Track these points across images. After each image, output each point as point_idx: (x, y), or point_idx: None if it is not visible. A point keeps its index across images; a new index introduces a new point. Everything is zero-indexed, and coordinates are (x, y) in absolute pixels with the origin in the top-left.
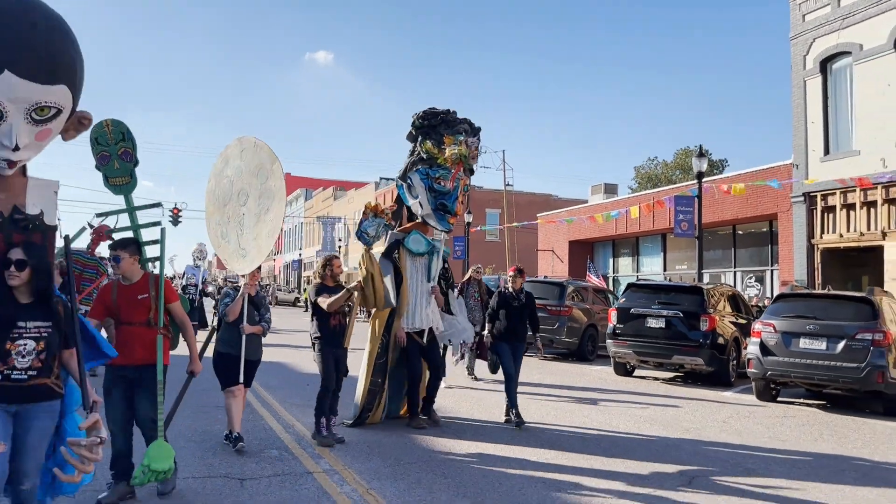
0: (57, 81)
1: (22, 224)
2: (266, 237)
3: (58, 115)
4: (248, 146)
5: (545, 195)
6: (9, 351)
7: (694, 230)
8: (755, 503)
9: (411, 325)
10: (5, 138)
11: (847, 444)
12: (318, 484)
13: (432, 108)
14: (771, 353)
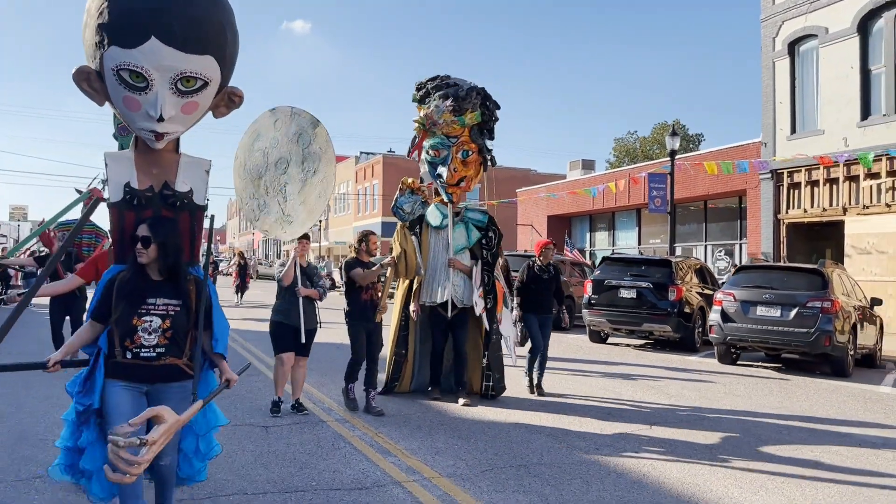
0: (204, 51)
1: (171, 201)
2: (316, 199)
3: (204, 88)
4: (283, 116)
5: (524, 170)
6: (135, 327)
7: (667, 206)
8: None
9: (430, 299)
10: (151, 108)
11: (793, 401)
12: (333, 430)
13: (428, 79)
14: (731, 320)
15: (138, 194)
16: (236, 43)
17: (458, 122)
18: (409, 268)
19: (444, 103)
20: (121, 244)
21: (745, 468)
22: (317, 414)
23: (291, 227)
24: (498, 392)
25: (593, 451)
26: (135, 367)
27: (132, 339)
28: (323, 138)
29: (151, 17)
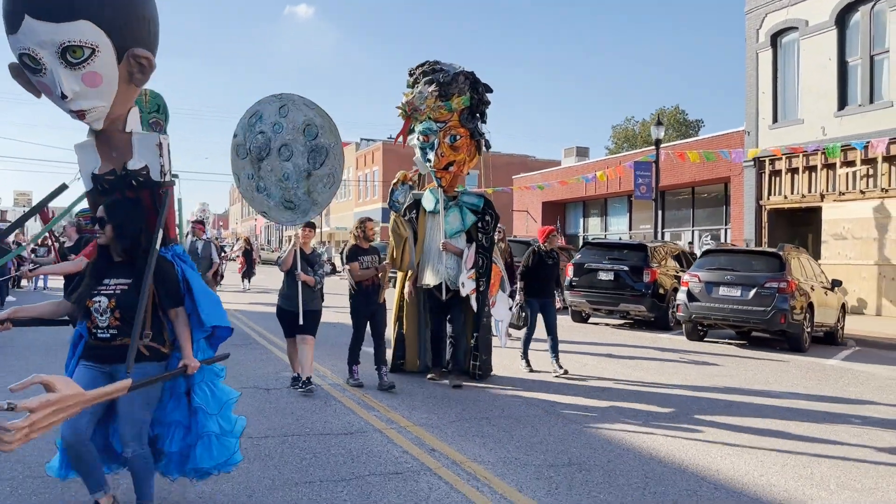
0: (75, 17)
1: (127, 180)
2: (321, 190)
3: (94, 55)
4: (291, 104)
5: (522, 156)
6: (88, 308)
7: (652, 193)
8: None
9: (424, 281)
10: (55, 86)
11: (744, 373)
12: (325, 392)
13: (418, 65)
14: (696, 300)
15: (100, 179)
16: (123, 4)
17: (444, 106)
18: (404, 258)
19: (428, 89)
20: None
21: (717, 438)
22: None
23: (293, 213)
24: (485, 373)
25: (583, 421)
26: (96, 347)
27: (91, 319)
28: (332, 133)
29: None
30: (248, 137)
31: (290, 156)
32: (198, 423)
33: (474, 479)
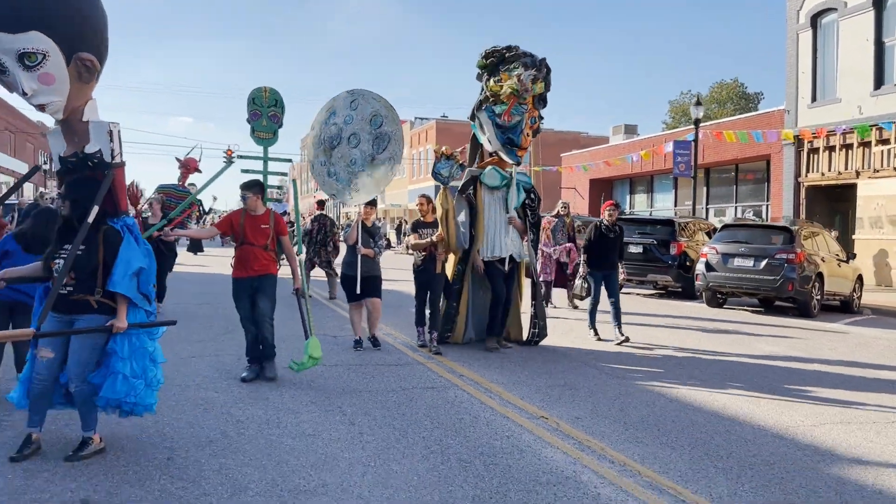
0: (26, 28)
1: (86, 162)
2: (383, 174)
3: (45, 59)
4: (361, 98)
5: (574, 133)
6: (51, 268)
7: (690, 171)
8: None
9: (490, 254)
10: (17, 86)
11: (751, 338)
12: (401, 351)
13: (494, 47)
14: (713, 270)
15: (64, 161)
16: (68, 16)
17: (532, 91)
18: (449, 235)
19: (528, 72)
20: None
21: (759, 395)
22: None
23: (357, 194)
24: (541, 338)
25: (626, 374)
26: (59, 299)
27: (52, 276)
28: (393, 121)
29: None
30: (323, 129)
31: (357, 143)
32: (109, 364)
33: (525, 413)
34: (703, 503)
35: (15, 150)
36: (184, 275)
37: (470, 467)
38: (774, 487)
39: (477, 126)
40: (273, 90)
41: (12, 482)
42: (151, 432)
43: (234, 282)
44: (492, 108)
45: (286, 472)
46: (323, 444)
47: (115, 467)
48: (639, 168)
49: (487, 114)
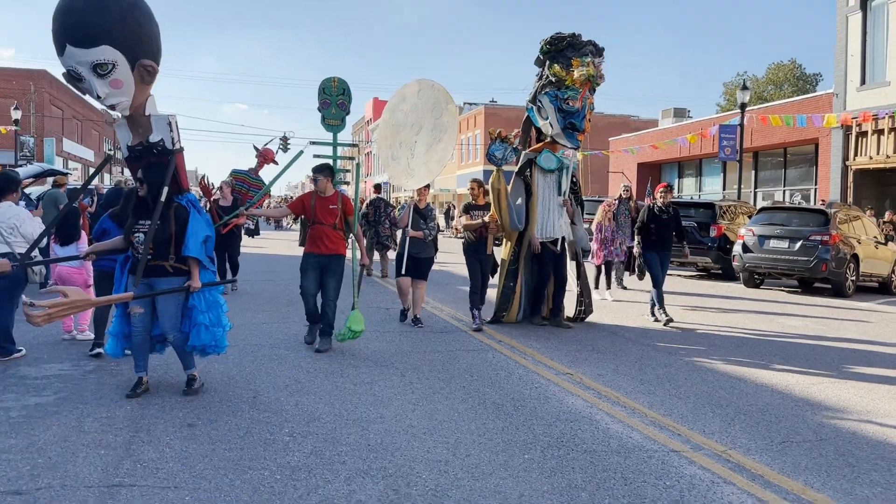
0: (99, 44)
1: (152, 149)
2: (436, 163)
3: (115, 68)
4: (426, 87)
5: (623, 117)
6: (132, 241)
7: (736, 155)
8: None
9: (544, 235)
10: (93, 90)
11: (775, 316)
12: (445, 321)
13: (558, 34)
14: (749, 251)
15: (131, 149)
16: (131, 28)
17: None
18: (503, 217)
19: (598, 59)
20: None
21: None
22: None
23: (412, 180)
24: (587, 314)
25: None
26: (135, 266)
27: (133, 247)
28: (452, 113)
29: (61, 32)
30: (393, 115)
31: (418, 131)
32: (192, 317)
33: (580, 385)
34: (695, 436)
35: (81, 137)
36: (245, 255)
37: (501, 408)
38: (761, 427)
39: (535, 110)
40: (341, 80)
41: (131, 412)
42: (238, 379)
43: (305, 256)
44: (555, 92)
45: (350, 407)
46: (379, 390)
47: (212, 403)
48: (687, 152)
49: (549, 98)
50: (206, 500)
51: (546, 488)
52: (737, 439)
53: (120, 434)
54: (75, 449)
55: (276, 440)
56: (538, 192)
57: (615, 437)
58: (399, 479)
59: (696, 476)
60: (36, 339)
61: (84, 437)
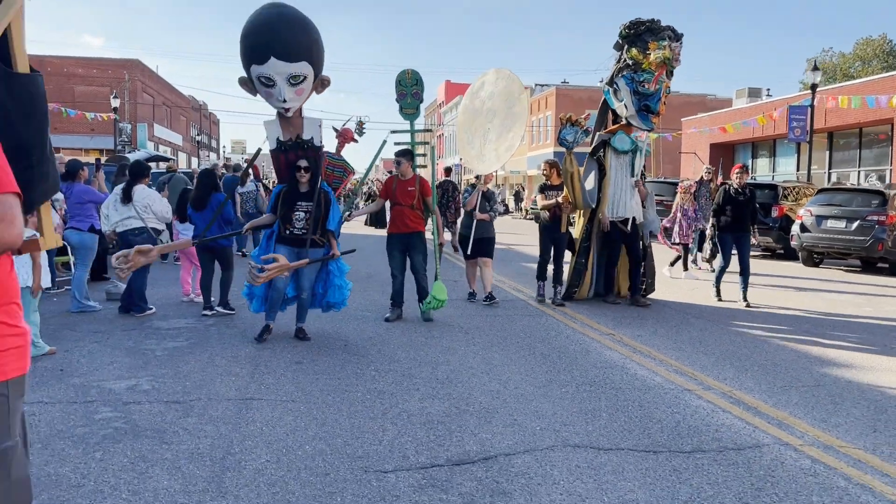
0: (300, 60)
1: (302, 145)
2: (504, 150)
3: (304, 80)
4: (504, 77)
5: (700, 96)
6: (291, 218)
7: (806, 136)
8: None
9: (615, 214)
10: (279, 95)
11: (836, 295)
12: (524, 302)
13: (638, 19)
14: (807, 231)
15: (284, 144)
16: (321, 50)
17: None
18: (575, 195)
19: (676, 44)
20: (279, 172)
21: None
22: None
23: (483, 164)
24: (647, 292)
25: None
26: (291, 238)
27: (291, 223)
28: (524, 104)
29: (270, 48)
30: (473, 100)
31: (492, 118)
32: (329, 280)
33: (649, 358)
34: (708, 380)
35: (170, 122)
36: None
37: (548, 357)
38: (769, 376)
39: (611, 92)
40: (414, 71)
41: (251, 353)
42: (331, 333)
43: (389, 237)
44: (631, 75)
45: (422, 354)
46: (446, 342)
47: (313, 347)
48: (761, 132)
49: (626, 80)
50: (317, 410)
51: (575, 410)
52: (744, 383)
53: (244, 367)
54: (212, 376)
55: (364, 374)
56: (611, 172)
57: (640, 379)
58: (459, 401)
59: (701, 407)
60: (160, 300)
61: (216, 368)
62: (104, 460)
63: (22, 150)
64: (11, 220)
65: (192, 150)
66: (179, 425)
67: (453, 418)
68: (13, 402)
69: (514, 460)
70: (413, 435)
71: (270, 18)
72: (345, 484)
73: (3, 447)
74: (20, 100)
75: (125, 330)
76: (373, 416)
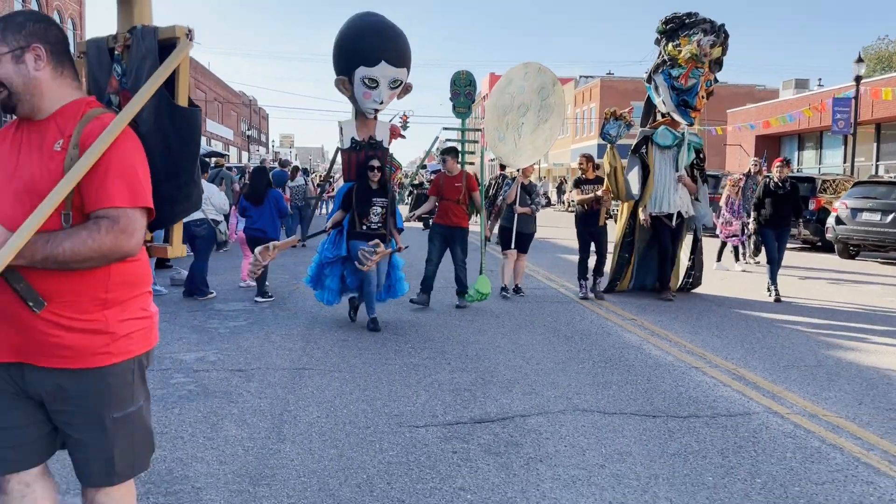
0: (403, 66)
1: (374, 145)
2: (543, 142)
3: (400, 85)
4: (533, 70)
5: (749, 86)
6: (368, 213)
7: (850, 128)
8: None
9: (658, 209)
10: (377, 98)
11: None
12: (560, 293)
13: (674, 14)
14: (842, 223)
15: (358, 143)
16: (411, 60)
17: (710, 55)
18: (619, 188)
19: (708, 38)
20: (348, 171)
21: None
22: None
23: (521, 158)
24: (693, 287)
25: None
26: (366, 234)
27: (367, 219)
28: (559, 94)
29: (383, 52)
30: (500, 97)
31: (525, 112)
32: (393, 272)
33: (688, 352)
34: (716, 359)
35: (222, 117)
36: None
37: (570, 339)
38: (775, 357)
39: (652, 88)
40: (468, 73)
41: (302, 331)
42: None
43: (433, 226)
44: (668, 70)
45: (455, 334)
46: (478, 324)
47: (357, 328)
48: (807, 124)
49: (664, 76)
50: (360, 378)
51: (588, 382)
52: (749, 363)
53: (297, 343)
54: (269, 350)
55: (402, 350)
56: (655, 167)
57: (652, 357)
58: (485, 373)
59: (704, 381)
60: (219, 286)
61: (273, 343)
62: (181, 415)
63: (174, 173)
64: (132, 232)
65: (242, 145)
66: (243, 388)
67: (478, 387)
68: (138, 375)
69: (528, 420)
70: (442, 399)
71: (379, 26)
72: (382, 435)
73: (129, 411)
74: (180, 130)
75: (190, 311)
76: (408, 385)
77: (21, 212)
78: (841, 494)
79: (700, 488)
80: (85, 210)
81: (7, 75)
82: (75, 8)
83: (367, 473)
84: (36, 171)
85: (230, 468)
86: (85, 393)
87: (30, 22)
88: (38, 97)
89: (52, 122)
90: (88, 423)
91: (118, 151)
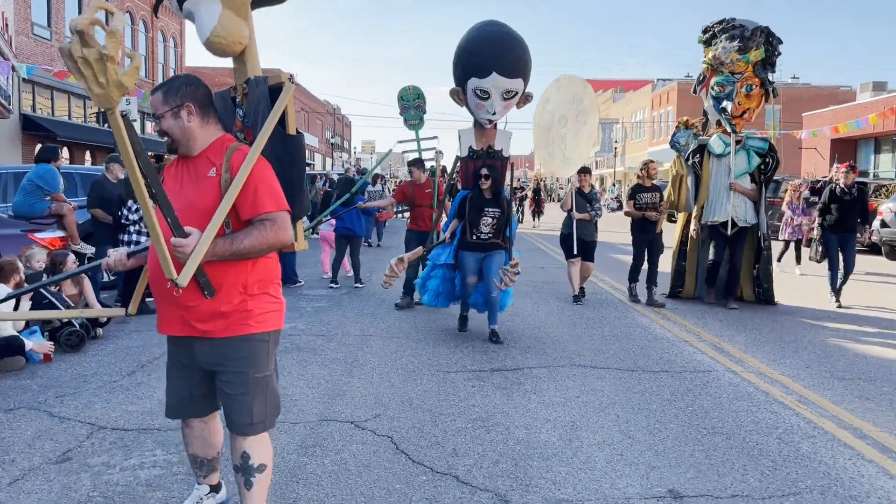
0: (517, 77)
1: (492, 154)
2: (585, 143)
3: (516, 96)
4: (564, 82)
5: (832, 88)
6: (479, 223)
7: None
8: None
9: (712, 218)
10: (490, 108)
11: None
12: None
13: (713, 23)
14: (887, 226)
15: (476, 152)
16: (530, 72)
17: (742, 59)
18: (680, 197)
19: (731, 44)
20: (465, 179)
21: None
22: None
23: (569, 166)
24: (768, 299)
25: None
26: (477, 244)
27: (477, 229)
28: (590, 96)
29: (494, 63)
30: (541, 118)
31: (565, 122)
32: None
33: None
34: (726, 346)
35: (307, 126)
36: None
37: (591, 321)
38: (784, 349)
39: (704, 96)
40: (416, 87)
41: (372, 311)
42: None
43: (408, 231)
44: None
45: (505, 320)
46: (515, 308)
47: (413, 311)
48: (881, 127)
49: (710, 85)
50: (412, 342)
51: (591, 348)
52: (735, 339)
53: (366, 319)
54: (344, 323)
55: (448, 324)
56: (711, 175)
57: (653, 334)
58: (510, 342)
59: (686, 351)
60: (306, 276)
61: (347, 318)
62: (280, 362)
63: (289, 186)
64: (286, 228)
65: (326, 152)
66: (324, 346)
67: (502, 349)
68: (271, 346)
69: (533, 371)
70: (472, 357)
71: (494, 36)
72: (423, 375)
73: (264, 374)
74: (291, 153)
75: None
76: (448, 347)
77: (186, 223)
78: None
79: (645, 411)
80: (242, 217)
81: (170, 127)
82: (176, 27)
83: (408, 396)
84: (192, 194)
85: (315, 391)
86: (235, 356)
87: (183, 86)
88: (192, 141)
89: (203, 157)
90: (238, 381)
91: (258, 172)
